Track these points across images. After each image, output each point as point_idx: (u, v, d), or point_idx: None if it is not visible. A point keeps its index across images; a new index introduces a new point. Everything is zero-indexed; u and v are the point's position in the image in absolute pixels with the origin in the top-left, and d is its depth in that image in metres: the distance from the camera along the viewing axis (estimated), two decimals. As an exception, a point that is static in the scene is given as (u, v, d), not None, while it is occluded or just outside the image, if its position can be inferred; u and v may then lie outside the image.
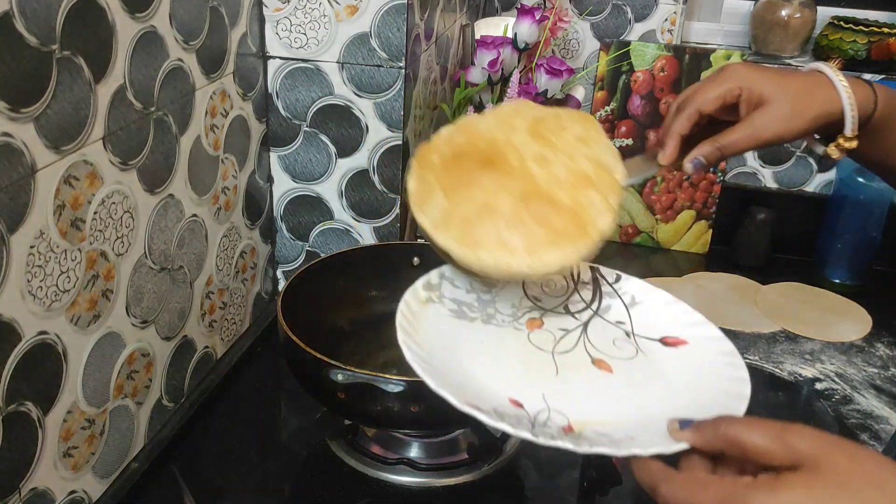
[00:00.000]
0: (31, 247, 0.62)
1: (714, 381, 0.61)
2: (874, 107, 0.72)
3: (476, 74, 1.24)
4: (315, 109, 1.02)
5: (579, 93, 1.36)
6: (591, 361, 0.64)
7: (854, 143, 0.73)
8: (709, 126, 0.75)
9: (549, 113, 0.69)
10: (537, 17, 1.24)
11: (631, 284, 0.72)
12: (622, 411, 0.58)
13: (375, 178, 1.05)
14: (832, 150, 0.74)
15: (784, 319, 1.23)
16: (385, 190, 1.05)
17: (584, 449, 0.51)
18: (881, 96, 0.73)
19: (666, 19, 1.44)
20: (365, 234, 1.09)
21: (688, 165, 0.74)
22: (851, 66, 1.38)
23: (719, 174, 1.40)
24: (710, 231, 1.43)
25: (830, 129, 0.73)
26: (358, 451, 0.83)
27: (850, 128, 0.72)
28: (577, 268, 0.73)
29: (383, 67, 0.99)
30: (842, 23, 1.40)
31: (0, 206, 0.58)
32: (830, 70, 0.73)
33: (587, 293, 0.71)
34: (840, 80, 0.72)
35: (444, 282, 0.68)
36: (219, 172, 0.91)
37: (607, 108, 1.34)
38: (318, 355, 0.75)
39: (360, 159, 1.04)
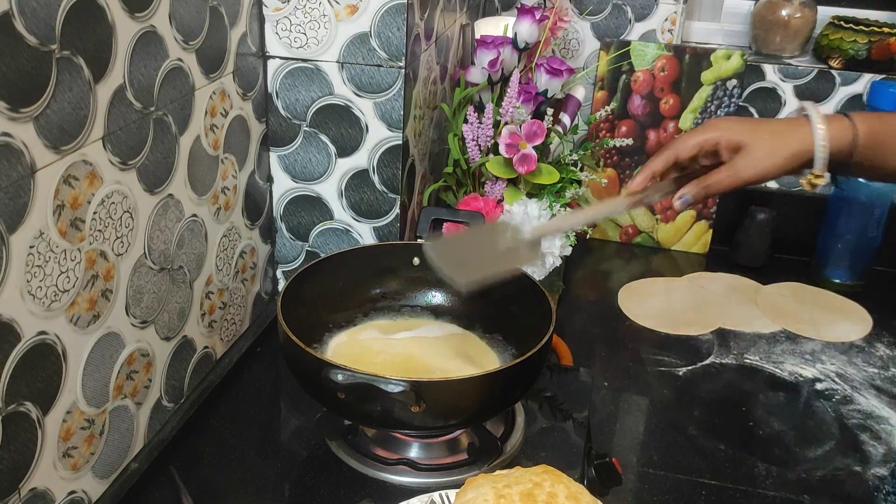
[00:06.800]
0: (31, 247, 0.62)
1: None
2: (853, 139, 0.77)
3: (476, 74, 1.24)
4: (315, 109, 1.02)
5: (579, 93, 1.36)
6: None
7: (823, 180, 0.79)
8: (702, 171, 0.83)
9: (520, 480, 0.66)
10: (537, 17, 1.24)
11: None
12: None
13: (375, 178, 1.05)
14: (805, 185, 0.80)
15: (784, 319, 1.23)
16: (385, 190, 1.05)
17: None
18: (862, 128, 0.78)
19: (666, 19, 1.44)
20: (365, 234, 1.09)
21: (676, 203, 0.82)
22: (852, 65, 1.38)
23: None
24: (711, 231, 1.44)
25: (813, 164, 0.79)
26: (358, 452, 0.83)
27: (819, 166, 0.78)
28: None
29: (383, 67, 0.99)
30: (842, 23, 1.40)
31: (0, 206, 0.58)
32: (813, 111, 0.79)
33: None
34: (818, 121, 0.78)
35: None
36: (218, 172, 0.91)
37: (607, 107, 1.34)
38: (318, 355, 0.75)
39: (359, 159, 1.04)
